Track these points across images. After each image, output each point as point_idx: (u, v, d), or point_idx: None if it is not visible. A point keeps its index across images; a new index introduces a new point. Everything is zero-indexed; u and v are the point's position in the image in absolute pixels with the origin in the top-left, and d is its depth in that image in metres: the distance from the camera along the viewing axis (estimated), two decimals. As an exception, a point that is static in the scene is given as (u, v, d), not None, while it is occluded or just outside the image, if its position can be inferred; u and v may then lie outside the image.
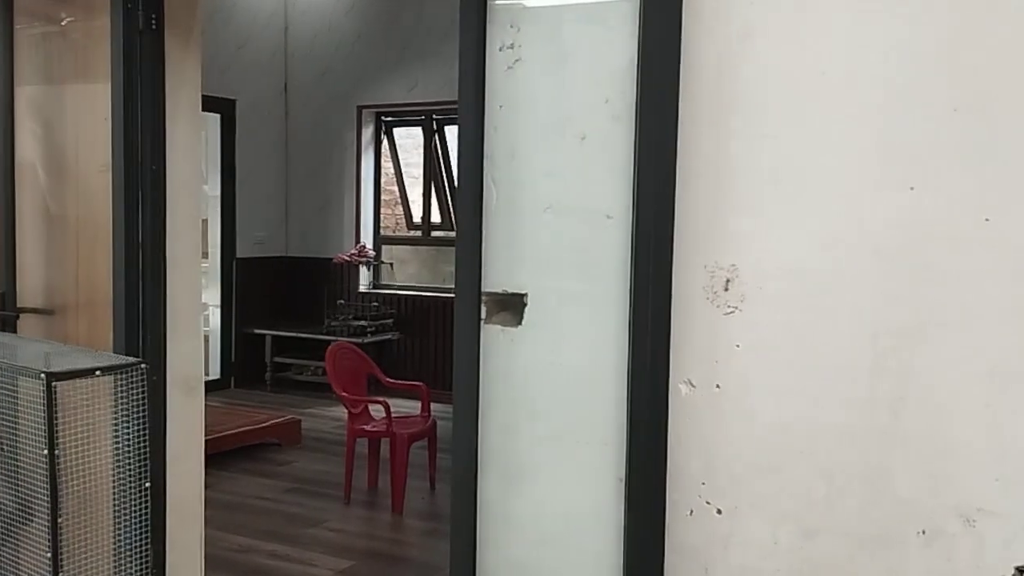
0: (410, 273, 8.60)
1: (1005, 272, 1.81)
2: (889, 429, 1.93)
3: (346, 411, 5.22)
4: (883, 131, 1.92)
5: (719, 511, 2.12)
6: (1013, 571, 1.80)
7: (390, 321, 8.09)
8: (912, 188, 1.89)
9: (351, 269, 8.24)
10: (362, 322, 7.88)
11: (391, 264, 8.51)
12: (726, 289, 2.08)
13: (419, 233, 8.38)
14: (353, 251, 8.16)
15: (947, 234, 1.86)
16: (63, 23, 3.45)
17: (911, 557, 1.91)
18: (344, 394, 5.10)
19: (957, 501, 1.87)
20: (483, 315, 2.36)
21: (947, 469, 1.88)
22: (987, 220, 1.82)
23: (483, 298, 2.35)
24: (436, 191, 8.22)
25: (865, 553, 1.96)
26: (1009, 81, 1.80)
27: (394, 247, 8.58)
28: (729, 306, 2.08)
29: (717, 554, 2.13)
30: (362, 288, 8.32)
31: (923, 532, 1.90)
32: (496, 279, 2.35)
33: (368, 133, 8.37)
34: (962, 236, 1.85)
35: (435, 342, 7.94)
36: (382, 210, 8.54)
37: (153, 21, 3.06)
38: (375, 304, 8.11)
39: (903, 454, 1.92)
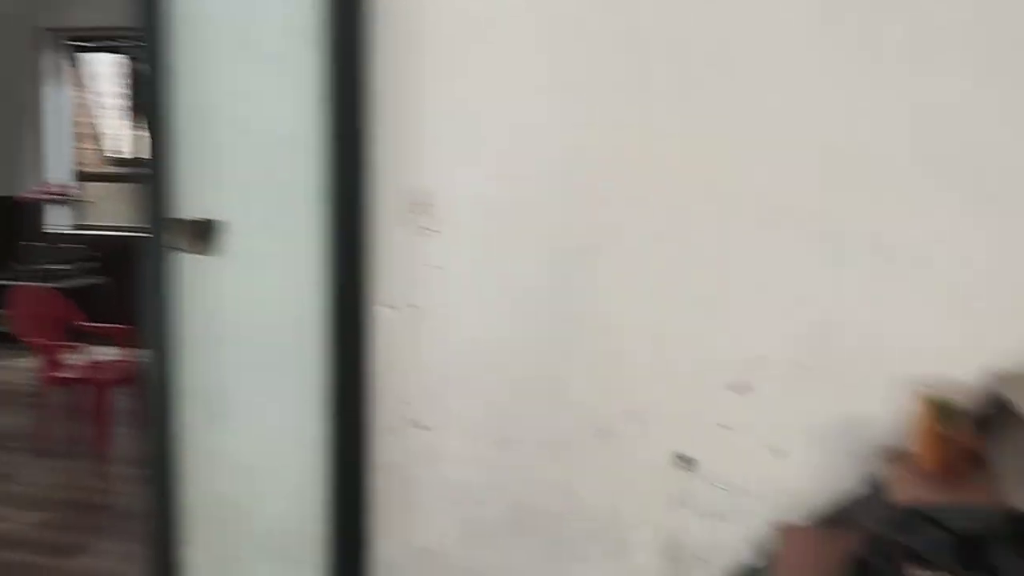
0: (115, 212, 8.03)
1: (662, 196, 2.00)
2: (568, 343, 2.09)
3: (42, 360, 4.84)
4: (554, 66, 2.04)
5: (421, 427, 2.20)
6: (674, 456, 2.03)
7: (97, 264, 7.52)
8: (585, 121, 2.03)
9: (42, 209, 7.56)
10: (64, 266, 7.28)
11: (92, 203, 7.90)
12: (423, 214, 2.14)
13: (120, 169, 7.82)
14: (42, 188, 7.47)
15: (616, 160, 2.02)
16: None
17: (589, 455, 2.10)
18: (33, 340, 4.72)
19: (627, 405, 2.06)
20: (175, 243, 2.27)
21: (619, 378, 2.07)
22: (651, 146, 1.99)
23: (174, 225, 2.26)
24: (135, 124, 7.70)
25: (551, 456, 2.13)
26: (663, 17, 1.96)
27: (98, 185, 7.95)
28: (426, 231, 2.15)
29: (421, 469, 2.22)
30: (59, 230, 7.66)
31: (599, 432, 2.08)
32: (189, 206, 2.26)
33: (54, 59, 7.64)
34: (629, 162, 2.01)
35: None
36: (82, 145, 7.87)
37: None
38: (82, 247, 7.51)
39: (580, 366, 2.09)
